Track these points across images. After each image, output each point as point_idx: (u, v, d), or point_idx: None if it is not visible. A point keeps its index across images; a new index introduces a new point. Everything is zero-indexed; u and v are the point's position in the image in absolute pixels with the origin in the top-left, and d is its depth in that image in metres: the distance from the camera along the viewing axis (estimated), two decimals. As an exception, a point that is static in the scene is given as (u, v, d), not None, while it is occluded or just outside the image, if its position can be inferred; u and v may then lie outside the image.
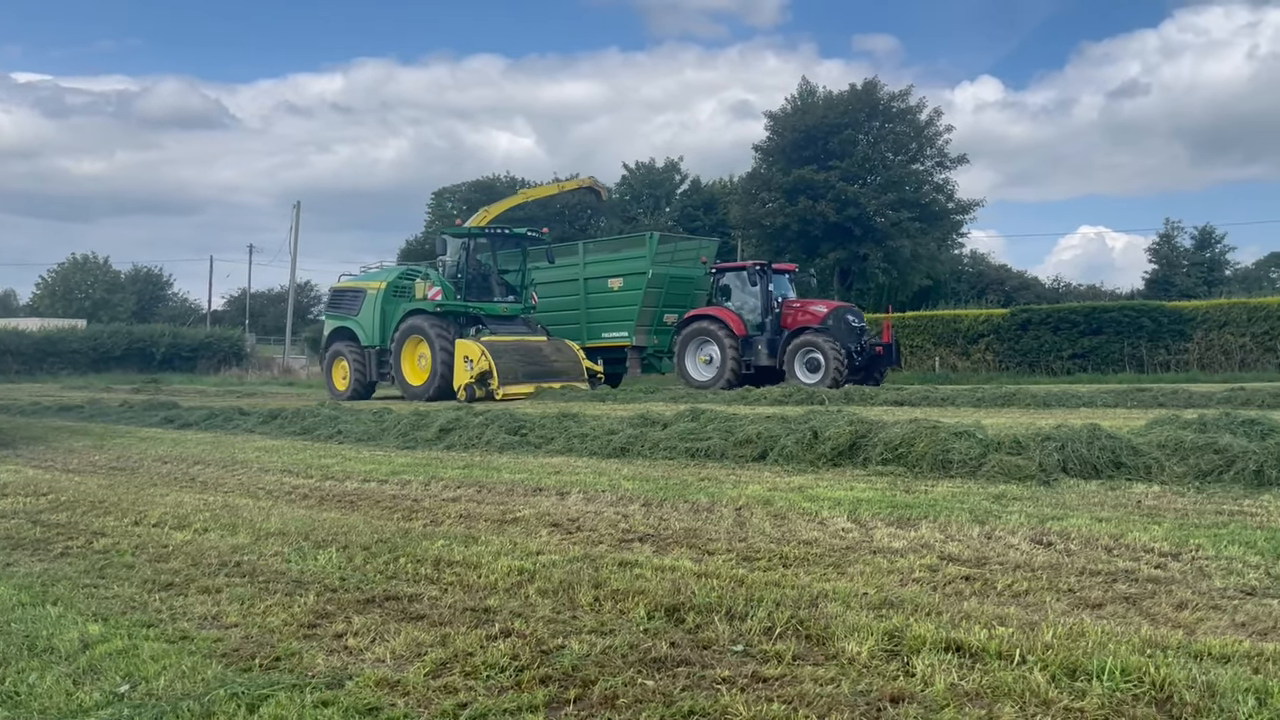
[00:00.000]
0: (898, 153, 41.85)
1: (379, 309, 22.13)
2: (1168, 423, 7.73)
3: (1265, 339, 24.01)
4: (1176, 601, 3.60)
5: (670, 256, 24.19)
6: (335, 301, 23.89)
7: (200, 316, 66.85)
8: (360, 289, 23.00)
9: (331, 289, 24.61)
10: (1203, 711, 2.48)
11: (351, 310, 22.84)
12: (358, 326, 22.51)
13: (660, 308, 23.80)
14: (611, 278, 23.89)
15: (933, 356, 27.97)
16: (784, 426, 8.65)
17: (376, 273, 24.28)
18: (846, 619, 3.37)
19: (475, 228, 22.96)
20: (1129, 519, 5.22)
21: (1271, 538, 4.58)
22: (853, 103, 41.69)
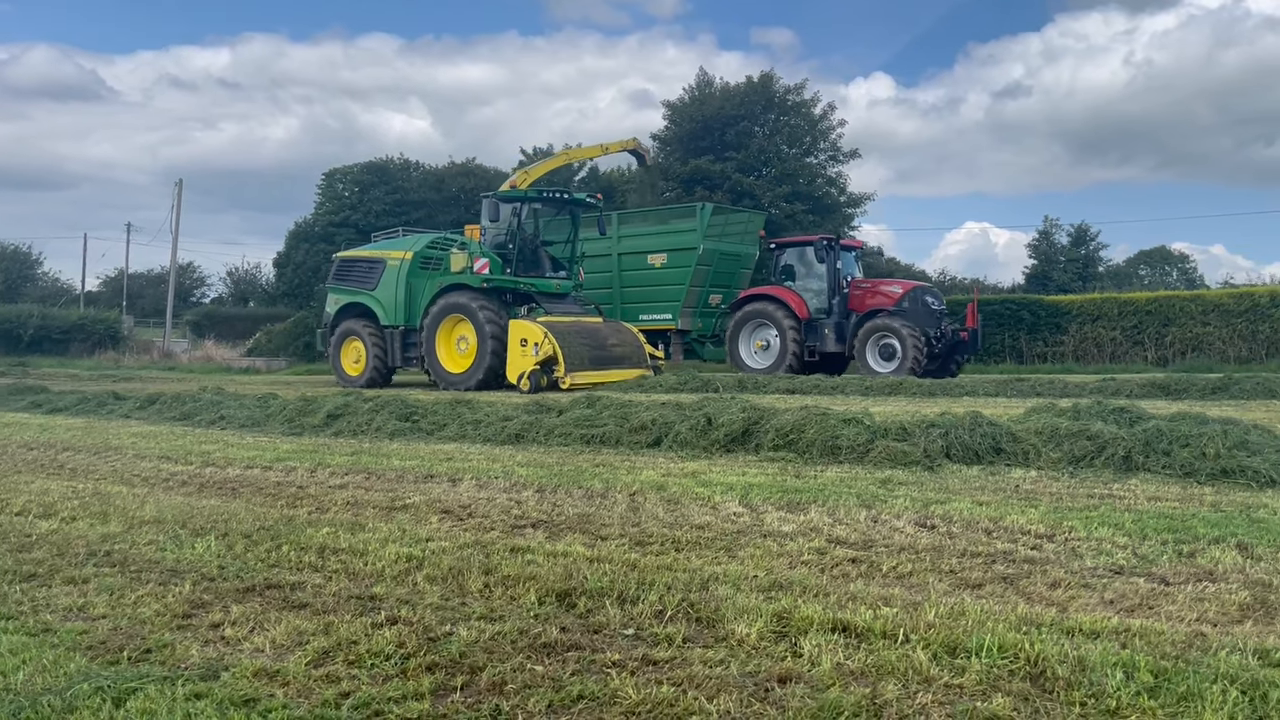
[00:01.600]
0: (792, 145, 42.52)
1: (403, 283, 19.06)
2: (1044, 411, 8.03)
3: (1134, 333, 25.23)
4: (1050, 581, 3.73)
5: (721, 230, 21.59)
6: (343, 273, 20.50)
7: (73, 297, 63.72)
8: (377, 259, 19.75)
9: (338, 258, 21.30)
10: (1073, 685, 2.57)
11: (365, 283, 19.72)
12: (374, 302, 19.47)
13: (707, 287, 21.47)
14: (652, 253, 21.31)
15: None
16: (679, 413, 8.69)
17: (397, 240, 20.62)
18: (736, 601, 3.39)
19: (531, 190, 19.41)
20: (1008, 502, 5.40)
21: (1138, 519, 4.80)
22: (749, 95, 42.21)
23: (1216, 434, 6.39)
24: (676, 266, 21.08)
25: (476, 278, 18.06)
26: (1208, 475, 6.00)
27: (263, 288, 70.09)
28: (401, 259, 19.33)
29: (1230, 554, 4.08)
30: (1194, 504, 5.27)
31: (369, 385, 18.48)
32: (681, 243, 21.14)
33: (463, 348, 17.96)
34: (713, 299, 21.49)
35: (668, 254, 21.21)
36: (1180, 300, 25.60)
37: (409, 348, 19.06)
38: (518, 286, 18.42)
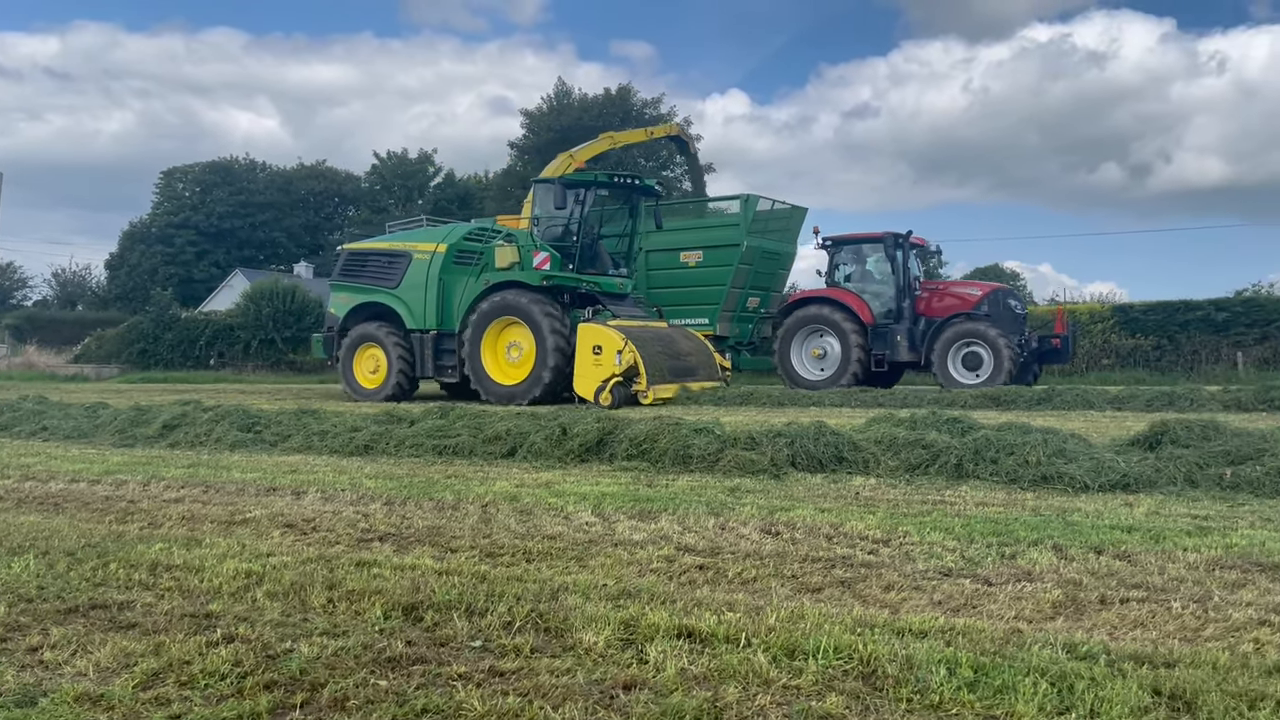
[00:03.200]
0: (649, 159, 43.07)
1: (434, 280, 16.62)
2: (884, 421, 8.39)
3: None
4: (885, 584, 3.91)
5: (763, 226, 19.38)
6: (354, 268, 17.95)
7: (-124, 297, 58.73)
8: (400, 252, 17.32)
9: (346, 251, 18.63)
10: (902, 682, 2.71)
11: (385, 280, 17.27)
12: (398, 302, 17.01)
13: (746, 289, 19.40)
14: (686, 250, 19.10)
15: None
16: (534, 423, 8.68)
17: (422, 231, 18.16)
18: (585, 610, 3.42)
19: (601, 174, 17.10)
20: (848, 509, 5.62)
21: (967, 524, 5.07)
22: (607, 106, 42.60)
23: (1038, 443, 6.82)
24: (715, 265, 18.86)
25: (535, 274, 15.73)
26: (1030, 481, 6.38)
27: (93, 290, 66.16)
28: (431, 252, 16.86)
29: (1047, 555, 4.37)
30: (1017, 508, 5.61)
31: (393, 399, 16.13)
32: (721, 239, 18.91)
33: (514, 356, 15.75)
34: (750, 302, 19.53)
35: (704, 251, 18.98)
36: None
37: (442, 355, 16.66)
38: (579, 285, 16.11)
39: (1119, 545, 4.54)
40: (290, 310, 35.25)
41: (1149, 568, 4.13)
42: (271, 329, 35.07)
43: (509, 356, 15.86)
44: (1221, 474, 6.27)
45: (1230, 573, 4.04)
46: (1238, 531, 4.84)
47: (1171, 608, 3.51)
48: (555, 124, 42.38)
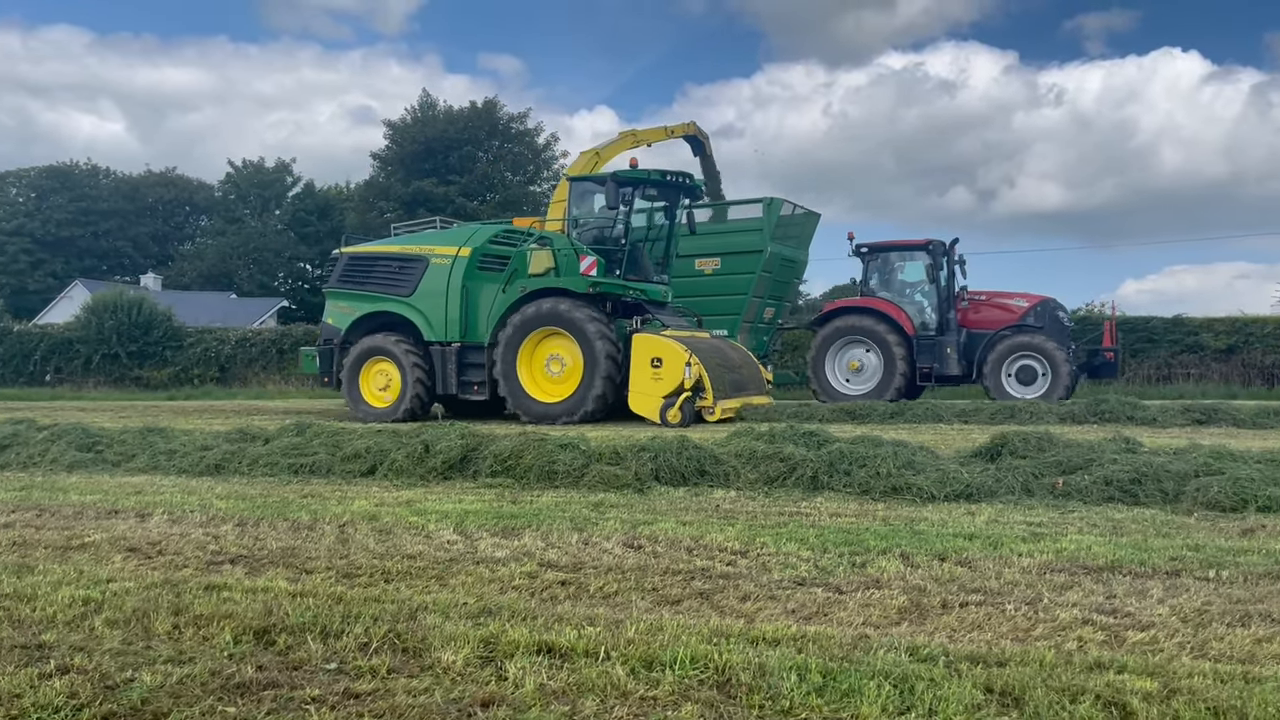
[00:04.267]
0: (516, 173, 42.98)
1: (456, 287, 15.06)
2: (745, 435, 8.59)
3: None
4: (742, 594, 4.01)
5: (784, 232, 18.42)
6: (356, 274, 16.20)
7: None
8: (414, 256, 15.65)
9: (345, 255, 16.67)
10: (755, 689, 2.79)
11: (395, 287, 15.68)
12: (412, 312, 15.43)
13: (765, 299, 18.51)
14: (702, 257, 17.76)
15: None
16: (395, 440, 8.53)
17: (439, 233, 16.55)
18: (445, 629, 3.39)
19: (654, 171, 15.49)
20: (708, 521, 5.73)
21: (820, 534, 5.25)
22: (473, 120, 42.31)
23: (888, 455, 7.11)
24: (736, 273, 17.71)
25: (582, 280, 14.41)
26: (880, 492, 6.65)
27: (-86, 301, 61.46)
28: (453, 257, 15.30)
29: (894, 563, 4.56)
30: (868, 519, 5.84)
31: (409, 417, 14.72)
32: (742, 245, 17.75)
33: (555, 370, 14.35)
34: (766, 312, 18.59)
35: (722, 258, 17.80)
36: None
37: (466, 370, 15.13)
38: (626, 293, 14.80)
39: (961, 552, 4.78)
40: (137, 323, 33.56)
41: (987, 573, 4.36)
42: (115, 343, 33.30)
43: (549, 371, 14.45)
44: (1054, 483, 6.66)
45: (1059, 575, 4.31)
46: (1067, 537, 5.16)
47: (1006, 610, 3.72)
48: (420, 136, 41.81)
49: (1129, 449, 7.61)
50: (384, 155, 43.26)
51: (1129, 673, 2.91)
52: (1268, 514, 5.72)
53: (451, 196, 39.96)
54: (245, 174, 60.59)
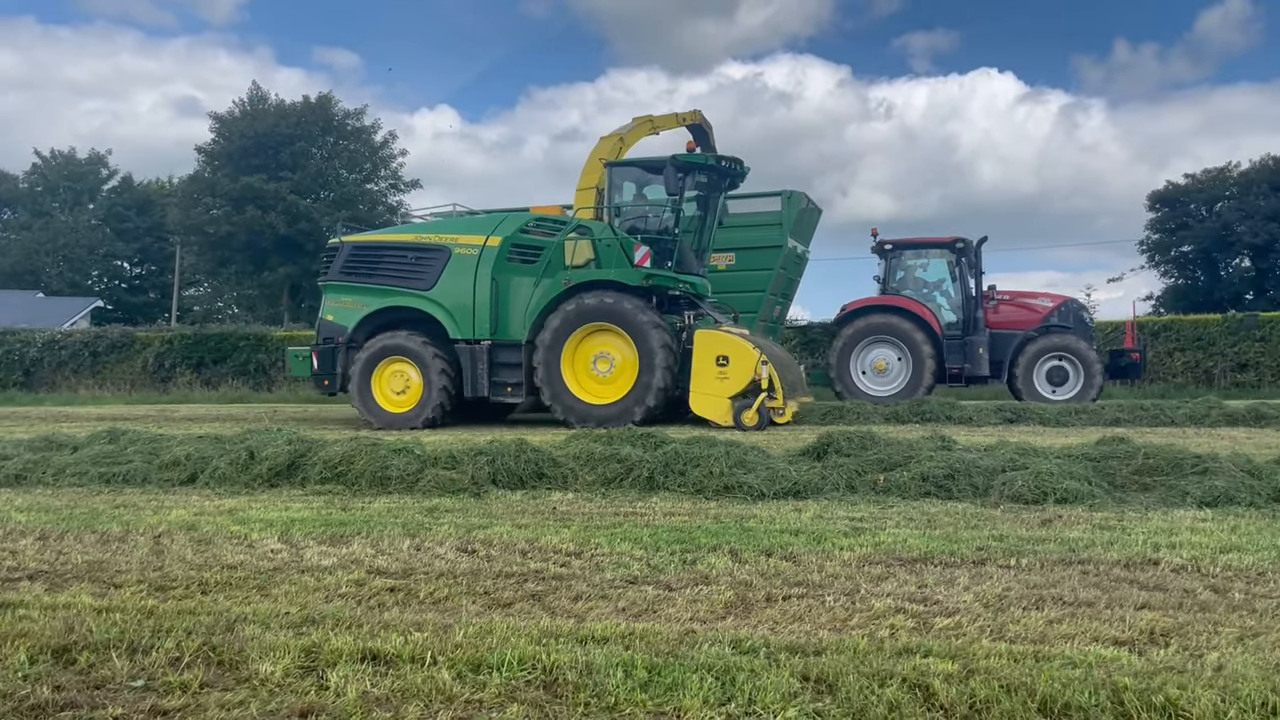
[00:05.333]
0: (352, 170, 41.82)
1: (485, 279, 13.83)
2: (583, 437, 8.63)
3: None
4: (574, 594, 4.04)
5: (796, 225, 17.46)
6: (360, 266, 14.76)
7: None
8: (434, 246, 14.31)
9: (348, 245, 15.07)
10: (581, 687, 2.82)
11: (413, 280, 14.33)
12: (434, 307, 14.14)
13: (778, 296, 17.70)
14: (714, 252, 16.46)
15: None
16: (217, 447, 8.16)
17: (463, 221, 15.21)
18: (264, 640, 3.27)
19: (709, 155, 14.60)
20: (544, 524, 5.73)
21: (654, 533, 5.34)
22: (306, 115, 40.93)
23: (721, 455, 7.28)
24: (752, 269, 16.83)
25: (636, 272, 13.47)
26: (713, 491, 6.80)
27: None
28: (480, 246, 14.00)
29: (723, 560, 4.68)
30: (700, 517, 5.97)
31: (432, 423, 13.67)
32: (760, 240, 16.77)
33: (602, 369, 13.37)
34: (774, 310, 17.86)
35: (737, 253, 16.82)
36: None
37: (499, 370, 13.91)
38: (676, 286, 13.93)
39: (786, 547, 4.95)
40: (-71, 323, 30.86)
41: (810, 567, 4.54)
42: (-96, 345, 30.51)
43: (596, 370, 13.44)
44: (876, 480, 6.98)
45: (877, 568, 4.52)
46: (885, 531, 5.42)
47: (826, 601, 3.88)
48: (249, 130, 40.09)
49: (945, 447, 8.04)
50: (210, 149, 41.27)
51: (934, 656, 3.09)
52: (1064, 505, 6.16)
53: (283, 194, 38.49)
54: (54, 165, 56.67)
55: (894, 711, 2.64)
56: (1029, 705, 2.66)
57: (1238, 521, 5.55)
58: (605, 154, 15.67)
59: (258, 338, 29.34)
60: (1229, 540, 4.99)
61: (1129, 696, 2.67)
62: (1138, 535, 5.14)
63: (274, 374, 28.62)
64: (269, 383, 28.54)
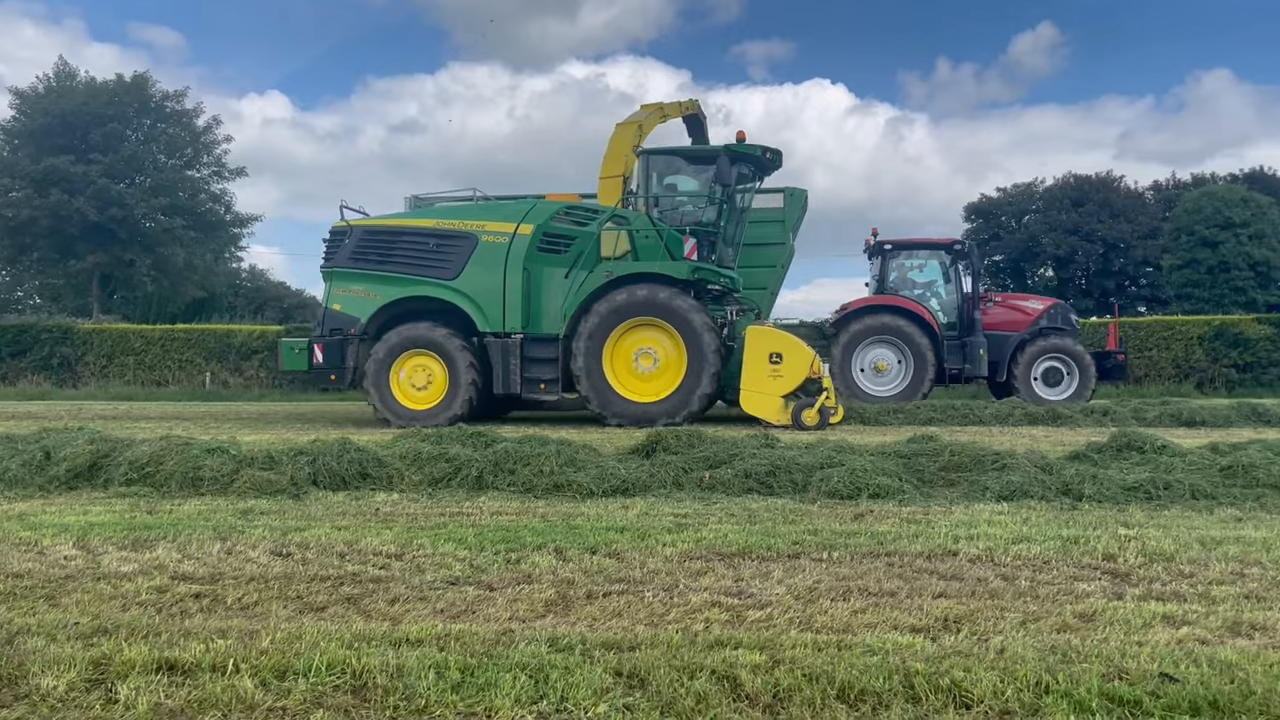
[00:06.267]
0: (171, 155, 39.63)
1: (516, 269, 13.21)
2: (410, 436, 8.47)
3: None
4: (391, 597, 3.95)
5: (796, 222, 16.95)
6: (372, 252, 13.82)
7: None
8: (460, 233, 13.52)
9: (358, 229, 14.04)
10: (390, 691, 2.76)
11: (436, 268, 13.51)
12: (460, 297, 13.39)
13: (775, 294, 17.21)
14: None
15: (204, 372, 26.92)
16: (9, 447, 7.59)
17: (490, 206, 14.35)
18: (49, 653, 3.06)
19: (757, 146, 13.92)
20: (366, 525, 5.59)
21: (479, 533, 5.29)
22: (120, 94, 38.49)
23: (551, 453, 7.29)
24: (756, 266, 16.28)
25: (684, 265, 13.09)
26: (543, 490, 6.80)
27: None
28: (510, 234, 13.36)
29: (548, 558, 4.69)
30: (528, 516, 5.95)
31: (458, 420, 12.60)
32: (761, 237, 16.21)
33: (645, 365, 12.95)
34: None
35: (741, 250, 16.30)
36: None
37: (532, 366, 13.26)
38: (718, 280, 13.54)
39: (611, 545, 5.00)
40: None
41: (633, 563, 4.59)
42: None
43: (638, 366, 13.05)
44: (701, 477, 7.14)
45: (697, 563, 4.62)
46: (708, 526, 5.54)
47: (645, 597, 3.94)
48: (54, 108, 37.35)
49: (768, 445, 8.30)
50: (9, 127, 38.23)
51: (743, 648, 3.18)
52: (876, 500, 6.46)
53: (93, 177, 36.03)
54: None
55: (701, 703, 2.71)
56: (829, 693, 2.78)
57: (1030, 514, 5.96)
58: (628, 142, 14.89)
59: (62, 330, 27.49)
60: (1021, 531, 5.35)
61: (919, 680, 2.83)
62: (941, 528, 5.44)
63: (80, 369, 26.84)
64: (74, 379, 26.77)
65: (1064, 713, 2.64)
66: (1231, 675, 2.89)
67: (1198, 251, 37.28)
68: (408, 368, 13.50)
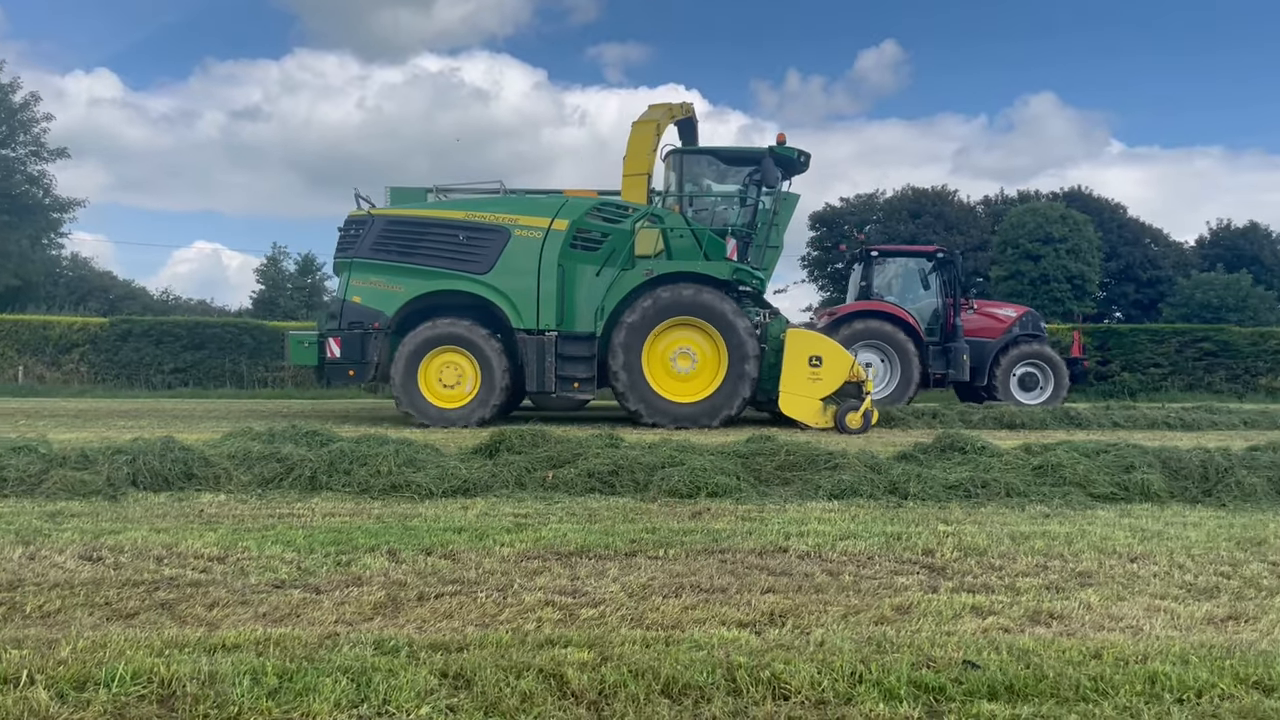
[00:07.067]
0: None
1: (551, 265, 12.86)
2: (241, 435, 8.13)
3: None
4: (210, 601, 3.78)
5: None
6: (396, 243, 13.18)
7: None
8: (492, 226, 13.02)
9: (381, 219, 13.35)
10: (201, 699, 2.64)
11: (466, 262, 12.98)
12: (493, 293, 12.98)
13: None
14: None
15: (16, 366, 25.11)
16: None
17: (527, 200, 13.74)
18: None
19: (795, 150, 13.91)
20: (188, 528, 5.34)
21: (310, 535, 5.13)
22: (-76, 65, 35.50)
23: (390, 453, 7.13)
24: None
25: (726, 266, 13.11)
26: (380, 490, 6.64)
27: None
28: (545, 229, 12.96)
29: (380, 560, 4.58)
30: (362, 517, 5.81)
31: (483, 423, 12.48)
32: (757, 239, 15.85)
33: (683, 366, 12.91)
34: None
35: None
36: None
37: (567, 364, 12.91)
38: (751, 281, 13.52)
39: (447, 545, 4.93)
40: None
41: (469, 564, 4.54)
42: None
43: (676, 367, 12.99)
44: (544, 476, 7.13)
45: (534, 562, 4.61)
46: (548, 526, 5.54)
47: (478, 598, 3.90)
48: None
49: (612, 444, 8.35)
50: None
51: (573, 646, 3.19)
52: (714, 499, 6.60)
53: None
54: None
55: (526, 701, 2.70)
56: (653, 688, 2.82)
57: (858, 511, 6.21)
58: (648, 140, 14.55)
59: None
60: (848, 528, 5.56)
61: (741, 674, 2.90)
62: (774, 525, 5.60)
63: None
64: None
65: (874, 701, 2.76)
66: (1028, 661, 3.09)
67: (1021, 264, 39.60)
68: (436, 365, 13.10)
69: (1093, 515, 6.16)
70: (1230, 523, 5.91)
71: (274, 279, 54.27)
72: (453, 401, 13.07)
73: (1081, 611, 3.81)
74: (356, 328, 13.34)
